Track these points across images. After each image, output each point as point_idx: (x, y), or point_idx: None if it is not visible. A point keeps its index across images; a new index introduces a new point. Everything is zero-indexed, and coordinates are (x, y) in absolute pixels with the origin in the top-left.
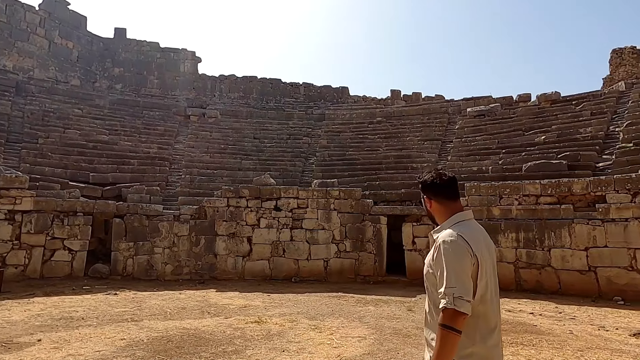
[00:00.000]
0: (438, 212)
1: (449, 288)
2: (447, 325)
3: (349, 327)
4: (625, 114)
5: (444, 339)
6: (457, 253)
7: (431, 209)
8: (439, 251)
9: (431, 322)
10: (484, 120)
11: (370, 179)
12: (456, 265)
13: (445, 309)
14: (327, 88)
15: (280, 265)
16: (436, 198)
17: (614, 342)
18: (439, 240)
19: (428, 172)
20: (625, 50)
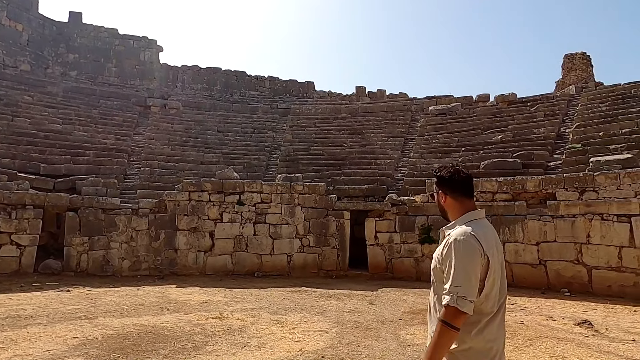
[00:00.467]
0: (452, 208)
1: (454, 286)
2: (447, 322)
3: (311, 321)
4: (574, 116)
5: (442, 334)
6: (467, 252)
7: (445, 204)
8: (449, 248)
9: (434, 315)
10: (445, 119)
11: (334, 174)
12: (465, 264)
13: (448, 306)
14: (293, 82)
15: (243, 260)
16: (452, 194)
17: (561, 331)
18: (451, 238)
19: (445, 167)
20: (576, 55)
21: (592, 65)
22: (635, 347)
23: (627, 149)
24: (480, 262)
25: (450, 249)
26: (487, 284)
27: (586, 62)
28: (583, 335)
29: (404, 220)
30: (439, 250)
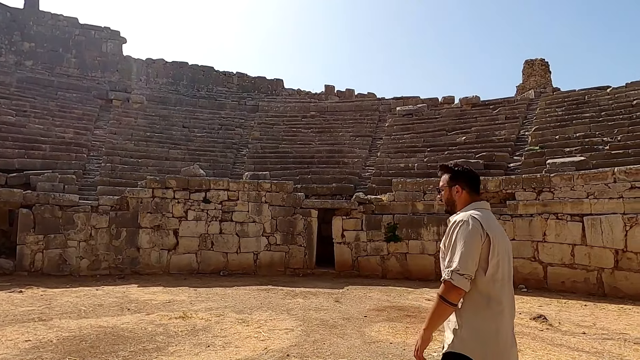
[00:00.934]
0: (464, 202)
1: (451, 262)
2: (442, 296)
3: (277, 320)
4: (533, 120)
5: (438, 307)
6: (466, 231)
7: (459, 198)
8: (451, 229)
9: None
10: (411, 120)
11: (302, 172)
12: (464, 243)
13: (445, 280)
14: (262, 79)
15: (208, 258)
16: (468, 189)
17: (517, 326)
18: (456, 220)
19: (460, 165)
20: (536, 61)
21: (550, 72)
22: (584, 339)
23: (581, 151)
24: (480, 241)
25: (452, 229)
26: (491, 263)
27: (545, 68)
28: (538, 329)
29: (371, 218)
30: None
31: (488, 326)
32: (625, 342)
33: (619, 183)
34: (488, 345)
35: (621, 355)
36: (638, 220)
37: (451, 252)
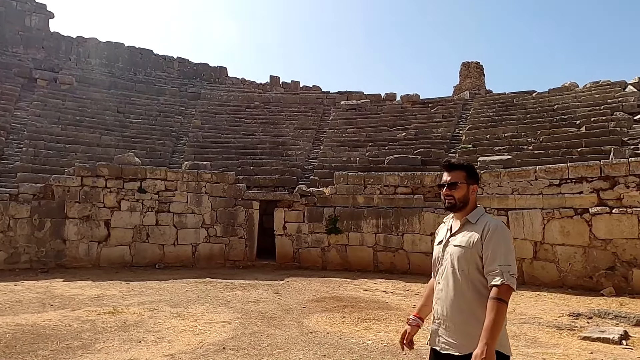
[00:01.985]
0: (474, 201)
1: (505, 266)
2: (502, 299)
3: (214, 313)
4: (467, 119)
5: (500, 310)
6: (509, 237)
7: (473, 198)
8: (494, 233)
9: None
10: (355, 114)
11: (244, 163)
12: (510, 247)
13: (503, 284)
14: (204, 66)
15: (143, 251)
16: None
17: None
18: (491, 224)
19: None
20: (472, 64)
21: (484, 74)
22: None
23: (508, 151)
24: None
25: (494, 233)
26: None
27: (479, 71)
28: None
29: (313, 211)
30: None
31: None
32: (539, 325)
33: (540, 181)
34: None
35: (535, 337)
36: (554, 215)
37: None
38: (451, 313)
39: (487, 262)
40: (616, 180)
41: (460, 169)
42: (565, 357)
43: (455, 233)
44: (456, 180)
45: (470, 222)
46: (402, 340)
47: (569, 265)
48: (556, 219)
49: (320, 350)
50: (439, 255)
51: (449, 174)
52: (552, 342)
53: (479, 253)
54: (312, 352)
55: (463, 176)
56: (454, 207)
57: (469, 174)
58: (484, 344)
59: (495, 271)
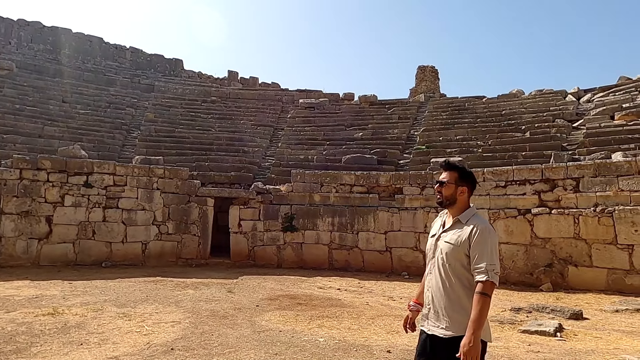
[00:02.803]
0: (464, 202)
1: (490, 265)
2: (486, 293)
3: (164, 313)
4: (422, 121)
5: (485, 304)
6: (494, 238)
7: (461, 198)
8: (481, 234)
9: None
10: (313, 113)
11: (199, 159)
12: (494, 247)
13: (487, 281)
14: (159, 57)
15: (89, 248)
16: (469, 192)
17: (398, 309)
18: (479, 226)
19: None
20: (427, 68)
21: (439, 78)
22: None
23: (459, 152)
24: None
25: (481, 235)
26: None
27: (435, 75)
28: None
29: (269, 208)
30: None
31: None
32: None
33: (487, 182)
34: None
35: None
36: (500, 215)
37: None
38: (439, 300)
39: (474, 261)
40: (555, 183)
41: (454, 170)
42: (506, 350)
43: (447, 230)
44: (449, 179)
45: (461, 221)
46: (404, 325)
47: (512, 262)
48: (501, 219)
49: (272, 348)
50: (432, 247)
51: (444, 173)
52: (494, 336)
53: (465, 252)
54: (263, 350)
55: (454, 177)
56: (442, 203)
57: (461, 176)
58: (471, 333)
59: (481, 269)
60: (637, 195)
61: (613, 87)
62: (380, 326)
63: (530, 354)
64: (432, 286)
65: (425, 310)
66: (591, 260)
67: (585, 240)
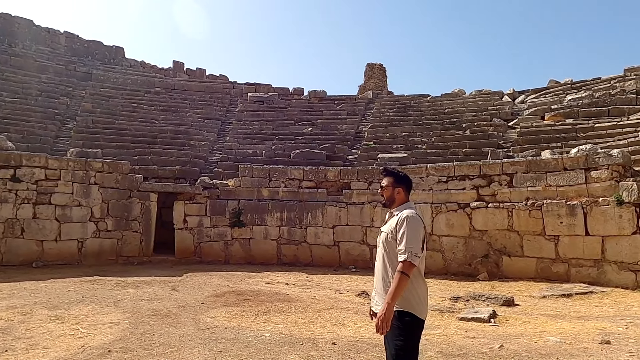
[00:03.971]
0: (402, 199)
1: (409, 247)
2: (404, 272)
3: (101, 314)
4: (370, 118)
5: (402, 280)
6: (416, 224)
7: (398, 197)
8: (403, 221)
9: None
10: (262, 107)
11: (142, 152)
12: (415, 232)
13: (405, 261)
14: (97, 44)
15: (17, 247)
16: (406, 192)
17: (345, 302)
18: (403, 215)
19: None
20: (376, 66)
21: (387, 76)
22: None
23: (405, 149)
24: (422, 231)
25: (404, 221)
26: (424, 247)
27: (383, 72)
28: (361, 304)
29: (216, 204)
30: (389, 226)
31: (423, 290)
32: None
33: (430, 177)
34: (424, 304)
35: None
36: (441, 209)
37: (407, 238)
38: (379, 284)
39: (398, 244)
40: (492, 179)
41: (390, 175)
42: (444, 337)
43: (385, 222)
44: (387, 184)
45: (394, 213)
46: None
47: (453, 254)
48: (443, 213)
49: (216, 346)
50: (378, 239)
51: (384, 178)
52: (434, 324)
53: (394, 237)
54: (207, 348)
55: (391, 181)
56: (385, 204)
57: (396, 179)
58: (387, 304)
59: (402, 250)
60: (562, 190)
61: (544, 89)
62: (327, 319)
63: (466, 339)
64: (376, 273)
65: (373, 294)
66: (522, 251)
67: (517, 232)
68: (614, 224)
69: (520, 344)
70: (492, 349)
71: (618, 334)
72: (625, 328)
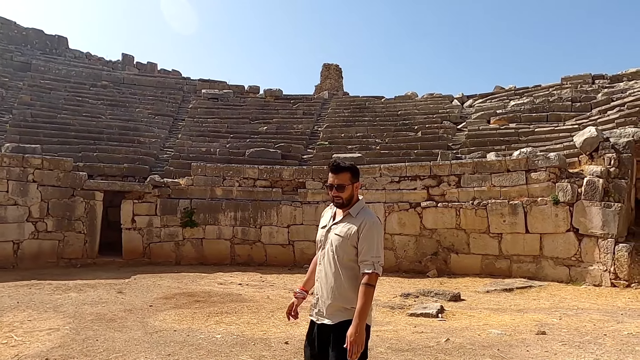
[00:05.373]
0: (355, 196)
1: (376, 257)
2: (372, 284)
3: (39, 320)
4: (325, 118)
5: (370, 294)
6: (380, 230)
7: (357, 193)
8: (369, 228)
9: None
10: (217, 104)
11: (86, 149)
12: (380, 240)
13: (373, 272)
14: (38, 32)
15: None
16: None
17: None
18: (367, 221)
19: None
20: (332, 66)
21: (342, 77)
22: None
23: (359, 149)
24: None
25: (370, 229)
26: None
27: (339, 73)
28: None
29: (166, 203)
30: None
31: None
32: (377, 306)
33: (383, 177)
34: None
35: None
36: (394, 208)
37: (374, 248)
38: (327, 290)
39: (362, 253)
40: (441, 179)
41: (346, 171)
42: (394, 333)
43: (338, 222)
44: (343, 183)
45: (352, 215)
46: (288, 312)
47: (404, 252)
48: (395, 212)
49: (165, 349)
50: (322, 238)
51: (336, 177)
52: (385, 320)
53: (353, 244)
54: (155, 352)
55: (348, 177)
56: (342, 205)
57: (353, 174)
58: (357, 323)
59: (368, 261)
60: (506, 190)
61: (490, 94)
62: (280, 319)
63: (415, 334)
64: (321, 277)
65: (314, 300)
66: (469, 248)
67: (465, 230)
68: (551, 222)
69: (465, 337)
70: (439, 342)
71: (552, 324)
72: (559, 319)
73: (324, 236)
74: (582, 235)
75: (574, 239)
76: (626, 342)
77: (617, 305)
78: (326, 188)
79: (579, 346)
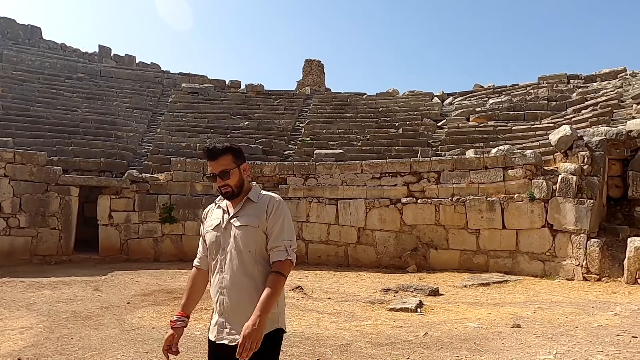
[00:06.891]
0: (247, 181)
1: (288, 241)
2: (283, 273)
3: (10, 318)
4: (307, 114)
5: (280, 284)
6: (289, 212)
7: (247, 176)
8: (278, 208)
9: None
10: (197, 98)
11: (61, 143)
12: (291, 222)
13: (287, 259)
14: (10, 22)
15: None
16: (247, 167)
17: None
18: (273, 200)
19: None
20: (314, 62)
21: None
22: (329, 303)
23: (341, 145)
24: None
25: (278, 209)
26: None
27: (321, 69)
28: (295, 298)
29: (145, 198)
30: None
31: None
32: (357, 301)
33: (365, 174)
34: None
35: (352, 313)
36: (375, 204)
37: (283, 230)
38: (241, 301)
39: (272, 238)
40: (421, 176)
41: (226, 153)
42: (374, 327)
43: (236, 214)
44: (227, 168)
45: (252, 200)
46: (165, 348)
47: (385, 247)
48: (376, 208)
49: (142, 347)
50: (217, 241)
51: (215, 162)
52: (365, 315)
53: (264, 230)
54: (132, 350)
55: (231, 160)
56: (233, 195)
57: (235, 154)
58: (258, 315)
59: (280, 247)
60: (484, 186)
61: (469, 92)
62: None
63: (394, 329)
64: (228, 286)
65: (222, 319)
66: (448, 244)
67: (444, 226)
68: (526, 218)
69: (443, 330)
70: (418, 336)
71: (527, 318)
72: (533, 312)
73: (219, 237)
74: (556, 230)
75: (548, 235)
76: (596, 334)
77: (588, 299)
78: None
79: (551, 338)
